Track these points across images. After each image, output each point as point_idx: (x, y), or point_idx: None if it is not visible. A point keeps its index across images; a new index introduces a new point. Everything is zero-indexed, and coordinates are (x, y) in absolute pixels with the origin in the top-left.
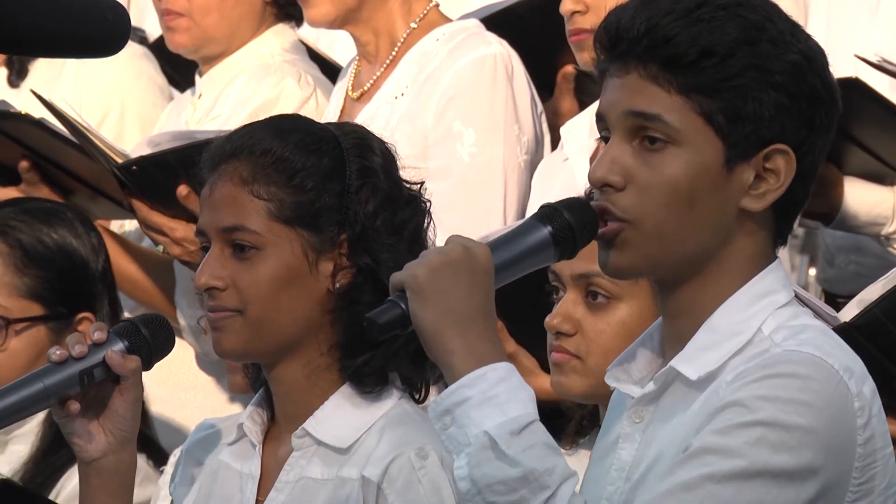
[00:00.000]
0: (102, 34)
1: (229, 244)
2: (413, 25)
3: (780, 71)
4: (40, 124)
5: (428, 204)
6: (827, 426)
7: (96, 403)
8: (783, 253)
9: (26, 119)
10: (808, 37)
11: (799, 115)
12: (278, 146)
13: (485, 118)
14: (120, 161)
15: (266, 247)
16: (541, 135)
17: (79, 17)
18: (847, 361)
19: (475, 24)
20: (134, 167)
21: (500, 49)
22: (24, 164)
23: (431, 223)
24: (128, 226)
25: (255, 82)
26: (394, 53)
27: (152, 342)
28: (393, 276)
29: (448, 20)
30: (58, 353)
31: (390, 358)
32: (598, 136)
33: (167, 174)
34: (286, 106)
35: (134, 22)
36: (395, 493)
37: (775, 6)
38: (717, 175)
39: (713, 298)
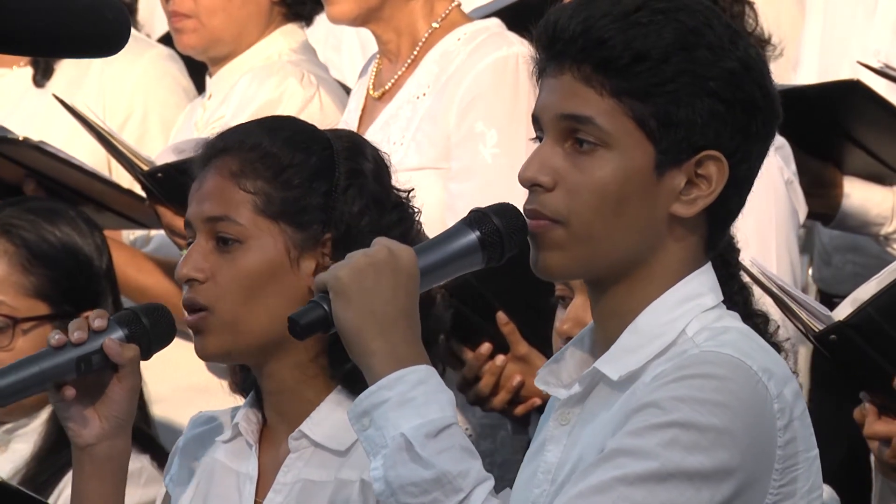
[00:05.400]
0: (102, 34)
1: (213, 236)
2: (435, 25)
3: (714, 77)
4: (40, 148)
5: (417, 212)
6: (743, 427)
7: (94, 390)
8: (784, 253)
9: (25, 144)
10: (749, 45)
11: (734, 122)
12: (267, 142)
13: (507, 119)
14: (146, 168)
15: (248, 240)
16: None
17: (78, 17)
18: (767, 363)
19: (496, 23)
20: (159, 174)
21: (521, 49)
22: (29, 186)
23: (420, 231)
24: (132, 236)
25: (258, 83)
26: (415, 53)
27: (152, 332)
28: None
29: (470, 20)
30: (56, 337)
31: None
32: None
33: (192, 180)
34: (289, 106)
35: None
36: None
37: (716, 12)
38: (647, 179)
39: (642, 301)
